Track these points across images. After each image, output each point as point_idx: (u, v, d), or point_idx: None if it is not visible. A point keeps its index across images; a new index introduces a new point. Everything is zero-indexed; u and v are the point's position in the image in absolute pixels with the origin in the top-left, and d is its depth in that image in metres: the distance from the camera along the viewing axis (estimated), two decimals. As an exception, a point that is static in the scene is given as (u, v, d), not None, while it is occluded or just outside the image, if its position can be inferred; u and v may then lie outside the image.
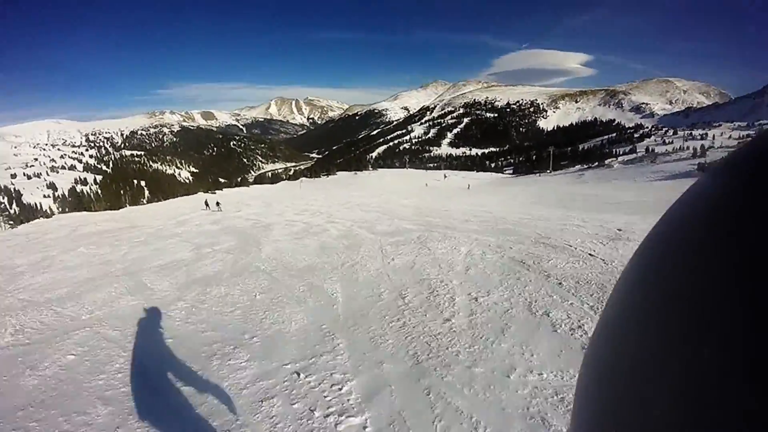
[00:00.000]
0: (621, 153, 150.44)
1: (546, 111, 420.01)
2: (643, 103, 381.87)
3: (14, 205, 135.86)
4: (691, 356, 0.22)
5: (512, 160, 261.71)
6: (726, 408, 0.19)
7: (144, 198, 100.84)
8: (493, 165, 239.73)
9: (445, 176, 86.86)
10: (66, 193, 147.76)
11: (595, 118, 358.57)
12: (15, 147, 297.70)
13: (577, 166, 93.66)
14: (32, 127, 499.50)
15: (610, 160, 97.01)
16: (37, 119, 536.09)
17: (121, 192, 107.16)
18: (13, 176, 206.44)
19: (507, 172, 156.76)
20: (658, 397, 0.24)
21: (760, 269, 0.19)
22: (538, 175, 79.46)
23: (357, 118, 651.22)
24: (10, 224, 54.56)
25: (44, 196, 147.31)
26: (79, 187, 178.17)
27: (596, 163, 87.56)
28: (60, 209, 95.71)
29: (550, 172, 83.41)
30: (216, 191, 79.43)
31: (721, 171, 0.28)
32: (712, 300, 0.22)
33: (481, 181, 73.11)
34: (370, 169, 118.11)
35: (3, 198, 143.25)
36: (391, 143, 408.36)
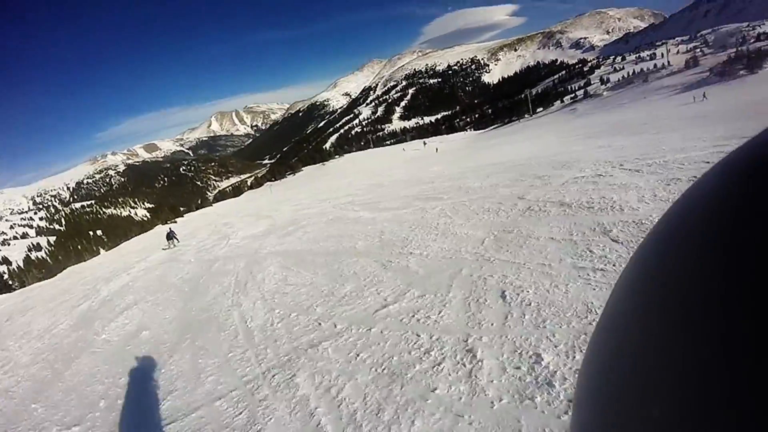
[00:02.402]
0: (576, 88, 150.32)
1: (488, 65, 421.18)
2: (581, 38, 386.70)
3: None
4: (692, 355, 0.22)
5: (468, 119, 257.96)
6: (726, 407, 0.19)
7: (105, 246, 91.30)
8: (452, 127, 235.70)
9: (425, 143, 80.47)
10: (21, 264, 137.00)
11: (538, 62, 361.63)
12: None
13: (557, 103, 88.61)
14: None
15: (593, 88, 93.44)
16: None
17: (78, 247, 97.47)
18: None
19: (473, 129, 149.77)
20: (658, 396, 0.24)
21: (761, 268, 0.19)
22: (517, 121, 73.44)
23: (300, 114, 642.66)
24: None
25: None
26: (33, 254, 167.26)
27: (581, 96, 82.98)
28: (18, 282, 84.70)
29: (531, 115, 77.37)
30: (175, 219, 68.72)
31: (721, 169, 0.28)
32: (713, 299, 0.22)
33: (461, 143, 66.64)
34: (336, 157, 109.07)
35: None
36: (341, 131, 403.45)
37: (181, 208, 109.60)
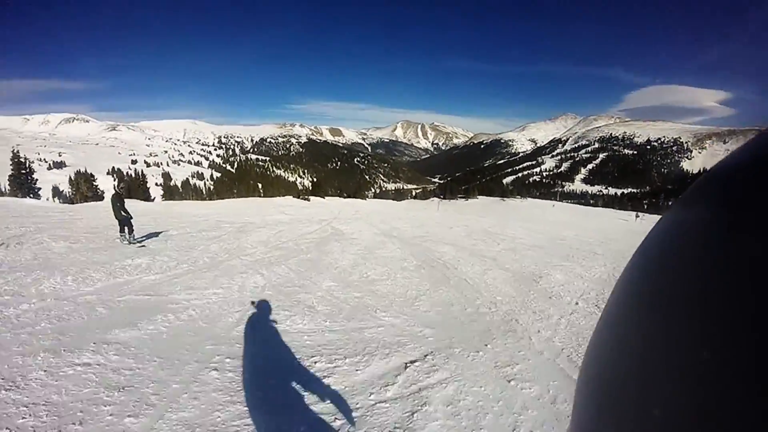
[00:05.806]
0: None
1: (691, 151, 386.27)
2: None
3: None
4: (692, 355, 0.22)
5: (658, 204, 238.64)
6: (726, 407, 0.19)
7: (257, 195, 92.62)
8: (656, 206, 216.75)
9: (637, 216, 73.13)
10: (179, 185, 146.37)
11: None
12: (149, 139, 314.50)
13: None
14: (171, 124, 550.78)
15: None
16: (177, 119, 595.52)
17: (234, 191, 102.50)
18: (134, 161, 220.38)
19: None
20: (657, 397, 0.24)
21: (761, 268, 0.19)
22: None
23: (482, 146, 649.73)
24: None
25: (156, 184, 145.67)
26: (193, 181, 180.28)
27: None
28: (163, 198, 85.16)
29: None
30: (308, 198, 54.33)
31: (721, 169, 0.27)
32: (713, 300, 0.22)
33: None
34: (518, 197, 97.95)
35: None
36: (519, 174, 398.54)
37: (337, 190, 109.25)
